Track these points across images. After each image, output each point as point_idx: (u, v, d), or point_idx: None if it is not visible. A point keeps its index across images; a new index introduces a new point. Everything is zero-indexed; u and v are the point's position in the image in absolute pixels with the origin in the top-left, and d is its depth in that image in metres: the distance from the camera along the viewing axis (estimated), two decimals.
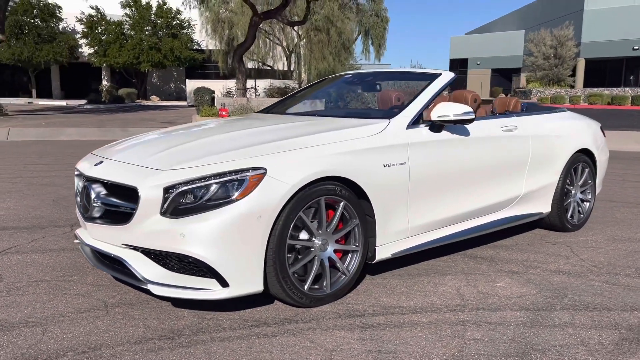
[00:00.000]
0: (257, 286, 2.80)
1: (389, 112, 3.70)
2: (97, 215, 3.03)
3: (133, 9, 36.04)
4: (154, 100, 37.93)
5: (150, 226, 2.75)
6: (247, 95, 21.23)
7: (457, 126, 3.72)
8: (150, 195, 2.74)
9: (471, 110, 3.55)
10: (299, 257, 2.99)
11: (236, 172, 2.76)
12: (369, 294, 3.26)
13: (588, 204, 5.00)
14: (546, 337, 2.72)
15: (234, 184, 2.74)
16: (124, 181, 2.86)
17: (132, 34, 35.63)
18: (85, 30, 35.58)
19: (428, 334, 2.73)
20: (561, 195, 4.63)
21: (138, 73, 38.00)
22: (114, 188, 2.98)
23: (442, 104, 3.59)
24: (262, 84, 29.17)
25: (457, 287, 3.40)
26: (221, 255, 2.68)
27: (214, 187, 2.73)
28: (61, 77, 40.32)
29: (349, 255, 3.21)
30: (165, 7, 35.92)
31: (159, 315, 2.90)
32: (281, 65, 37.26)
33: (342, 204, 3.06)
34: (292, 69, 36.07)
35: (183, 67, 38.52)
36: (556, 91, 37.42)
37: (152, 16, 36.16)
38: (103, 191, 3.04)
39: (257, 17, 19.18)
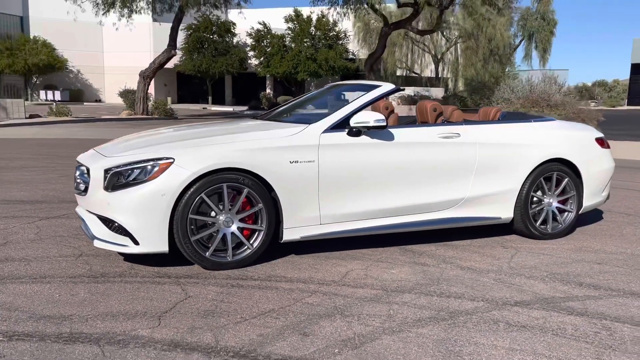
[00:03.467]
0: (162, 247, 3.72)
1: (316, 118, 4.32)
2: (80, 189, 4.20)
3: (295, 22, 39.11)
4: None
5: (97, 197, 3.83)
6: None
7: (380, 132, 4.23)
8: (97, 174, 3.82)
9: (382, 118, 4.07)
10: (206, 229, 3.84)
11: (151, 160, 3.72)
12: (271, 266, 3.98)
13: (569, 214, 4.99)
14: (365, 309, 3.21)
15: (148, 169, 3.70)
16: (85, 163, 3.99)
17: (293, 45, 38.66)
18: (253, 43, 39.56)
19: (275, 295, 3.40)
20: (525, 202, 4.77)
21: (297, 82, 41.01)
22: (86, 169, 4.13)
23: (361, 113, 4.16)
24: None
25: (351, 270, 3.94)
26: (131, 220, 3.65)
27: (136, 171, 3.72)
28: (233, 85, 45.31)
29: (256, 233, 3.96)
30: (323, 19, 38.36)
31: (106, 263, 3.97)
32: (429, 72, 37.39)
33: (245, 190, 3.84)
34: (439, 76, 36.03)
35: (337, 76, 40.63)
36: None
37: (312, 28, 38.86)
38: (85, 171, 4.20)
39: (387, 27, 19.97)
